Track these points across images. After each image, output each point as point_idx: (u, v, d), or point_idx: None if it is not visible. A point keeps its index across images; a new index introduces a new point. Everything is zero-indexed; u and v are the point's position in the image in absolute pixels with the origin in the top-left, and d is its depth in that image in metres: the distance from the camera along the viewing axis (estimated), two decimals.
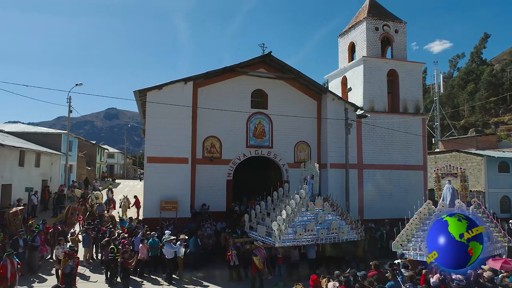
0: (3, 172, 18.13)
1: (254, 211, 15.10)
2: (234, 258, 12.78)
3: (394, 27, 21.61)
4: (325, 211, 13.98)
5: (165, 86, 17.24)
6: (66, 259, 12.12)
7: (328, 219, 13.77)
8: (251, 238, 13.96)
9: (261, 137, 19.28)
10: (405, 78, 21.14)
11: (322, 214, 13.68)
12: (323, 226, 13.40)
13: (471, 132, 52.31)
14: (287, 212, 13.07)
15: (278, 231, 12.51)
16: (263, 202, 15.54)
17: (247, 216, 14.94)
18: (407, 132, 20.45)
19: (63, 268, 11.87)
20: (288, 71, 19.50)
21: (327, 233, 13.34)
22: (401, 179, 20.40)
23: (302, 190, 13.70)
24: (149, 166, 16.90)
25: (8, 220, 14.74)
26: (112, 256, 12.89)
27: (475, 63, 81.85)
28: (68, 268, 11.98)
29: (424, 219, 13.42)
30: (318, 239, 13.21)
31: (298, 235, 12.71)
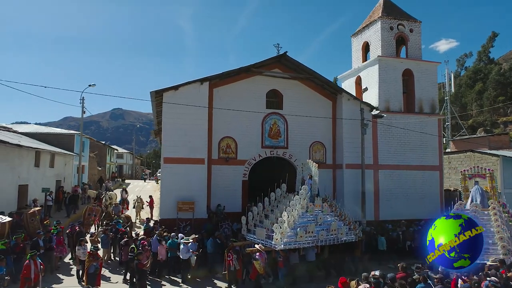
0: (20, 172, 18.22)
1: (251, 213, 14.63)
2: (234, 263, 12.28)
3: (409, 26, 21.45)
4: (324, 212, 13.89)
5: (181, 86, 17.24)
6: (91, 259, 12.16)
7: (327, 220, 13.66)
8: (250, 241, 13.47)
9: (276, 138, 19.22)
10: (421, 78, 20.97)
11: (321, 215, 13.56)
12: (322, 228, 13.23)
13: (479, 131, 51.88)
14: (288, 213, 12.86)
15: (280, 233, 12.23)
16: (260, 203, 15.23)
17: (244, 218, 14.36)
18: (422, 132, 20.28)
19: (88, 268, 11.90)
20: (303, 71, 19.42)
21: (326, 235, 13.18)
22: (417, 180, 20.24)
23: (302, 191, 13.59)
24: (165, 167, 16.90)
25: (26, 221, 14.77)
26: (131, 256, 12.90)
27: (483, 62, 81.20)
28: (92, 268, 12.02)
29: None
30: (318, 241, 12.99)
31: (299, 237, 12.47)
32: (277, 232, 12.22)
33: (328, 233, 13.22)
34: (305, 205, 13.32)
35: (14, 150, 17.49)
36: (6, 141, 16.20)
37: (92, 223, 16.99)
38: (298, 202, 13.32)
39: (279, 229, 12.25)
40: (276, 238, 12.15)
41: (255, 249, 12.23)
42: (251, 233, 13.81)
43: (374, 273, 9.06)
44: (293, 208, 13.19)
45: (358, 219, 18.60)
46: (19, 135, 23.72)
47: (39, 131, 26.56)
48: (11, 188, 17.43)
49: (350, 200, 18.97)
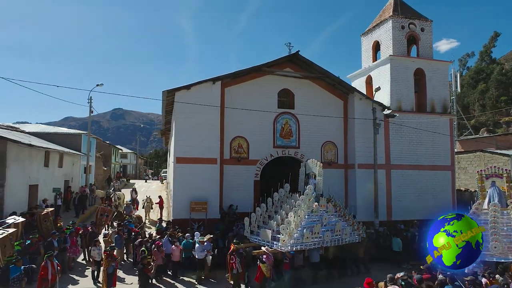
0: (30, 172, 18.09)
1: (254, 214, 14.24)
2: (237, 266, 11.90)
3: (420, 25, 21.34)
4: (329, 212, 13.69)
5: (193, 86, 17.13)
6: (109, 260, 12.06)
7: (332, 221, 13.47)
8: (254, 243, 13.07)
9: (288, 137, 19.10)
10: (432, 77, 20.86)
11: (326, 216, 13.35)
12: (327, 228, 13.01)
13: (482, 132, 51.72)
14: (294, 214, 12.58)
15: (287, 234, 11.91)
16: (263, 204, 14.86)
17: (247, 219, 13.95)
18: (434, 132, 20.16)
19: (107, 268, 11.79)
20: (315, 70, 19.31)
21: (331, 235, 12.97)
22: (429, 180, 20.12)
23: (308, 191, 13.34)
24: (178, 167, 16.77)
25: (39, 222, 14.64)
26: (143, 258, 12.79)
27: (485, 62, 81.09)
28: (111, 268, 11.94)
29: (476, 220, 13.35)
30: (324, 242, 12.76)
31: (305, 238, 12.19)
32: (283, 233, 11.88)
33: (332, 234, 13.04)
34: (311, 206, 13.09)
35: (25, 150, 17.37)
36: (18, 141, 16.08)
37: (104, 223, 16.86)
38: (304, 203, 13.05)
39: (286, 230, 11.91)
40: (283, 239, 11.80)
41: (262, 251, 11.90)
42: (254, 234, 13.45)
43: (400, 275, 8.97)
44: (299, 208, 12.92)
45: (371, 219, 18.56)
46: (27, 135, 23.59)
47: (46, 130, 26.42)
48: (22, 188, 17.31)
49: (362, 200, 18.88)
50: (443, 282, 8.71)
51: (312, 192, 13.72)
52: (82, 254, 15.10)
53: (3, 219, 14.61)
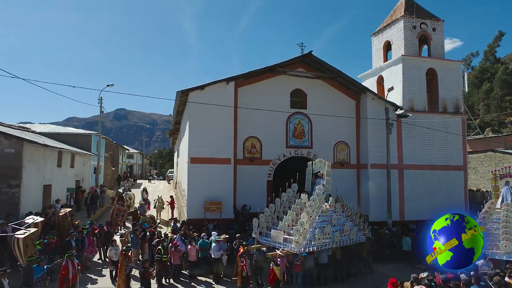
0: (44, 172, 18.18)
1: (263, 215, 13.89)
2: (247, 269, 11.66)
3: (431, 25, 21.31)
4: (337, 212, 13.64)
5: (207, 86, 17.16)
6: (126, 260, 12.13)
7: (341, 221, 13.43)
8: (264, 245, 12.75)
9: (301, 137, 19.11)
10: (444, 77, 20.82)
11: (335, 216, 13.29)
12: (336, 229, 12.95)
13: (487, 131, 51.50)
14: (307, 215, 12.39)
15: (300, 236, 11.71)
16: (272, 204, 14.65)
17: (256, 220, 13.58)
18: (447, 132, 20.13)
19: (125, 269, 11.86)
20: (328, 71, 19.31)
21: (340, 236, 12.90)
22: (441, 180, 20.09)
23: (318, 191, 13.23)
24: (192, 167, 16.80)
25: (58, 222, 14.71)
26: (159, 257, 12.84)
27: (489, 61, 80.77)
28: (129, 268, 12.01)
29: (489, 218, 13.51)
30: (333, 242, 12.65)
31: (317, 239, 12.07)
32: (297, 234, 11.69)
33: (341, 234, 13.00)
34: (321, 206, 13.01)
35: (39, 150, 17.47)
36: (34, 141, 16.17)
37: (119, 223, 16.92)
38: (316, 203, 12.92)
39: (299, 231, 11.68)
40: (297, 240, 11.58)
41: (276, 254, 11.66)
42: (263, 235, 13.21)
43: (423, 275, 8.97)
44: (311, 209, 12.77)
45: (384, 219, 18.56)
46: (38, 135, 23.70)
47: (56, 131, 26.52)
48: (37, 189, 17.41)
49: (375, 200, 18.87)
50: (468, 282, 8.71)
51: (323, 192, 13.74)
52: (97, 253, 15.19)
53: (20, 219, 14.73)
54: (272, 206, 14.30)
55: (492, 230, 13.45)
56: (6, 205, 15.17)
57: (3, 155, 15.31)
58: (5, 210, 14.91)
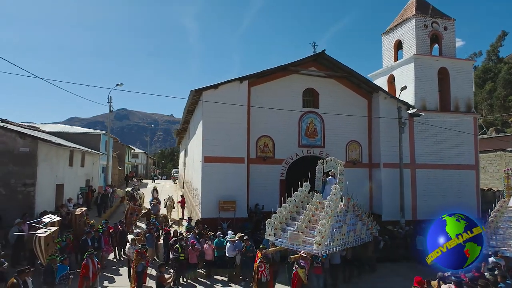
0: (57, 171, 18.18)
1: (276, 215, 13.04)
2: (267, 273, 11.01)
3: (443, 24, 21.26)
4: (349, 212, 13.50)
5: (221, 85, 17.15)
6: (139, 258, 12.12)
7: (352, 221, 13.29)
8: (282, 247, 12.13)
9: (313, 137, 19.08)
10: (456, 76, 20.76)
11: (349, 216, 13.16)
12: (349, 229, 12.80)
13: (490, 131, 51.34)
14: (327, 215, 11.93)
15: (321, 237, 11.31)
16: (285, 204, 13.69)
17: (270, 221, 12.85)
18: (459, 131, 20.09)
19: (136, 266, 11.88)
20: (340, 70, 19.28)
21: (354, 236, 12.76)
22: (453, 179, 20.04)
23: (335, 190, 12.85)
24: (206, 166, 16.78)
25: (74, 221, 14.69)
26: (176, 256, 12.83)
27: (492, 61, 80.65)
28: (140, 266, 12.02)
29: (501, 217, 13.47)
30: (348, 243, 12.49)
31: (336, 240, 11.80)
32: (318, 236, 11.35)
33: (354, 234, 12.88)
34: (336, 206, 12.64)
35: (52, 149, 17.47)
36: (49, 140, 16.17)
37: (134, 222, 16.91)
38: (334, 203, 12.46)
39: (321, 232, 11.30)
40: (319, 242, 11.24)
41: (298, 256, 11.18)
42: (276, 237, 12.56)
43: (448, 273, 8.94)
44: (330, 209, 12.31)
45: (396, 218, 18.53)
46: (47, 135, 23.68)
47: (65, 130, 26.51)
48: (50, 188, 17.42)
49: (387, 199, 18.84)
50: (495, 280, 8.67)
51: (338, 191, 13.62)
52: (112, 252, 15.18)
53: (35, 218, 14.73)
54: (286, 207, 13.64)
55: (504, 228, 13.51)
56: (21, 204, 15.19)
57: (18, 154, 15.32)
58: (20, 209, 14.92)
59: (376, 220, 18.25)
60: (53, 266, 10.23)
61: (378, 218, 18.60)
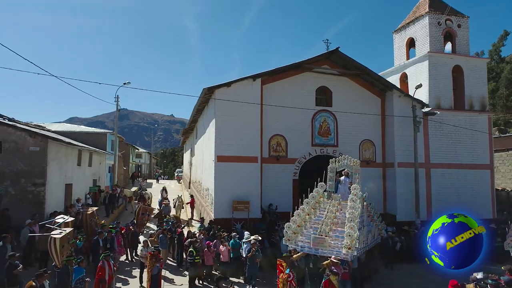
0: (66, 171, 17.86)
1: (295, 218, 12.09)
2: (295, 283, 10.26)
3: (456, 21, 20.94)
4: (364, 213, 12.74)
5: (233, 83, 16.83)
6: (153, 260, 11.82)
7: (367, 222, 12.71)
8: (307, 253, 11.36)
9: (326, 136, 18.75)
10: (470, 75, 20.44)
11: (365, 217, 12.58)
12: (367, 230, 12.32)
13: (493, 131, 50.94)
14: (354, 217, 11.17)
15: (350, 241, 10.66)
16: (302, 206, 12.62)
17: (289, 225, 11.83)
18: (474, 129, 19.77)
19: (151, 269, 11.59)
20: (354, 67, 18.95)
21: (371, 238, 12.33)
22: (468, 179, 19.72)
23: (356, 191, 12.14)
24: (219, 165, 16.44)
25: (85, 222, 14.36)
26: (191, 260, 12.51)
27: (494, 61, 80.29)
28: (156, 269, 11.72)
29: None
30: (368, 246, 12.05)
31: (361, 243, 11.10)
32: (348, 239, 10.73)
33: (371, 236, 12.49)
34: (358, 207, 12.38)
35: (61, 149, 17.16)
36: (59, 139, 15.85)
37: (145, 223, 16.58)
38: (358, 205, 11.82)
39: (352, 236, 10.68)
40: (348, 246, 10.58)
41: (330, 262, 10.43)
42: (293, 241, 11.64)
43: (478, 275, 8.64)
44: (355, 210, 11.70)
45: (411, 219, 18.21)
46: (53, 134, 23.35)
47: (71, 130, 26.17)
48: (60, 187, 17.11)
49: (402, 199, 18.52)
50: None
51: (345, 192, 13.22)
52: (124, 254, 14.86)
53: (45, 218, 14.41)
54: (304, 209, 12.60)
55: None
56: (31, 204, 14.88)
57: (28, 154, 15.01)
58: (30, 209, 14.62)
59: (391, 220, 18.03)
60: (69, 268, 9.92)
61: (393, 218, 18.31)
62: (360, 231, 11.69)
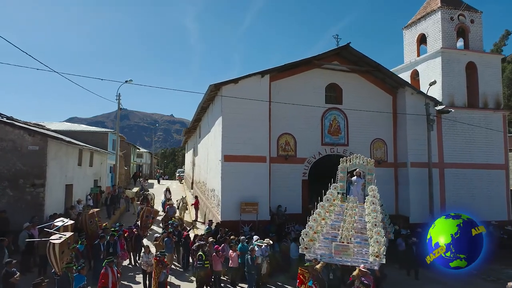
0: (66, 171, 17.17)
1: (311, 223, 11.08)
2: None
3: (469, 17, 20.27)
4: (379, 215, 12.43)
5: (241, 79, 16.15)
6: (160, 267, 11.16)
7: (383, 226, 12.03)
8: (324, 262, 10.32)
9: (336, 134, 18.08)
10: (484, 71, 19.78)
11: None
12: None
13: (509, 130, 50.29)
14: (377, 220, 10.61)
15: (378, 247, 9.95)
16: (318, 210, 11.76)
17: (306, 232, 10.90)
18: (488, 128, 19.10)
19: (158, 276, 10.93)
20: (365, 64, 18.27)
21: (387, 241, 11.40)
22: (482, 179, 19.06)
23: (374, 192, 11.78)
24: (226, 165, 15.76)
25: (85, 223, 13.64)
26: (200, 264, 11.80)
27: None
28: (162, 276, 11.08)
29: None
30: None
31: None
32: (375, 246, 9.98)
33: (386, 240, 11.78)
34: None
35: (62, 148, 16.47)
36: (60, 138, 15.16)
37: (150, 226, 15.87)
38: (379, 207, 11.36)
39: (380, 242, 9.95)
40: (376, 253, 9.83)
41: (360, 272, 9.39)
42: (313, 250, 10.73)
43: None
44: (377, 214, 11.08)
45: (425, 221, 17.48)
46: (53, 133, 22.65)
47: (71, 129, 25.46)
48: (60, 188, 16.41)
49: (415, 200, 17.84)
50: None
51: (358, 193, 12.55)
52: (127, 258, 14.16)
53: (44, 221, 13.74)
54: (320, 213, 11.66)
55: None
56: (30, 206, 14.18)
57: (26, 153, 14.31)
58: (29, 211, 13.94)
59: (404, 222, 17.36)
60: (69, 275, 9.24)
61: (406, 220, 17.65)
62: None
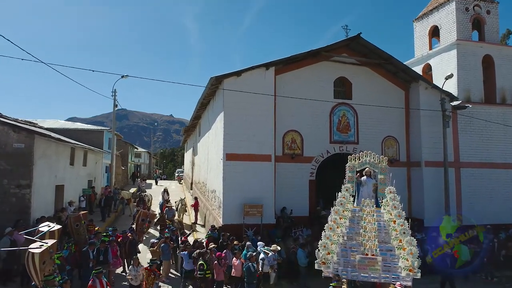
0: (56, 171, 16.00)
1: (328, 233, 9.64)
2: None
3: (485, 7, 19.12)
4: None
5: (244, 72, 15.01)
6: (152, 278, 10.03)
7: None
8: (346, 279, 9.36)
9: (346, 132, 16.93)
10: (502, 65, 18.64)
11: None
12: None
13: None
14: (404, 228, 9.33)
15: (412, 259, 8.71)
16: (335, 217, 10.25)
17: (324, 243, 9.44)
18: (507, 125, 17.96)
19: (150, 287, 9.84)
20: (376, 56, 17.12)
21: None
22: (500, 179, 17.90)
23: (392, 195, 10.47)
24: (228, 165, 14.60)
25: (70, 227, 12.42)
26: (202, 274, 10.62)
27: None
28: (155, 286, 9.96)
29: None
30: None
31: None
32: (409, 258, 8.72)
33: None
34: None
35: (51, 146, 15.30)
36: (48, 135, 13.99)
37: (146, 230, 14.68)
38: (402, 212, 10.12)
39: (415, 253, 8.73)
40: (409, 267, 8.57)
41: None
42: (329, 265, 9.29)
43: None
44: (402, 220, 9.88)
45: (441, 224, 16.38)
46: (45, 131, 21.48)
47: (65, 126, 24.27)
48: (49, 189, 15.23)
49: (430, 202, 16.69)
50: None
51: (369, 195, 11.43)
52: (121, 266, 12.97)
53: (31, 224, 12.59)
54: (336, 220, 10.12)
55: None
56: (15, 208, 13.04)
57: (11, 151, 13.14)
58: (14, 214, 12.79)
59: (419, 225, 16.18)
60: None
61: (420, 223, 16.48)
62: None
